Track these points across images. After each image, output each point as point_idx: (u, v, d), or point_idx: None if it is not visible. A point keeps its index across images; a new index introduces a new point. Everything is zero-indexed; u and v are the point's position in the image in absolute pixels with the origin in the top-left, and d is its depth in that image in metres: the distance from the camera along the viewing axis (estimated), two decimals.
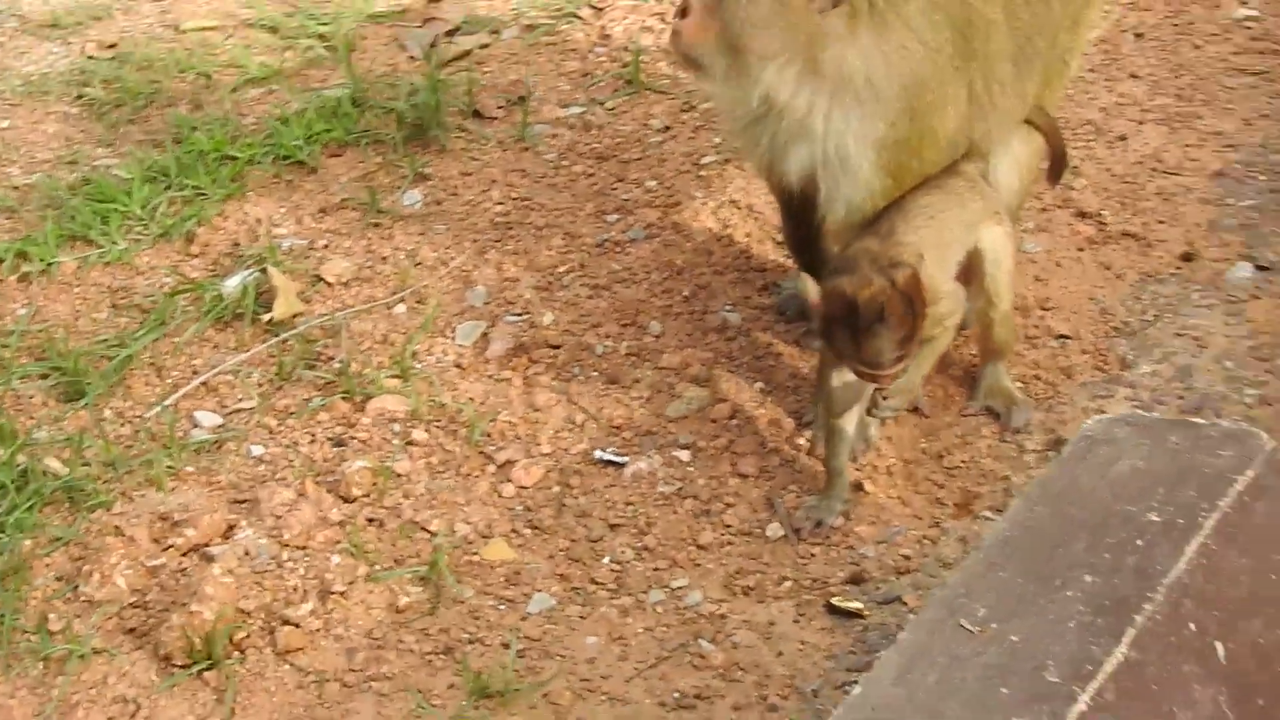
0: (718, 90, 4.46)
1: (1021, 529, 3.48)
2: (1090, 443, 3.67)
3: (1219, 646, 3.30)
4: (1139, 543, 3.38)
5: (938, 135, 4.40)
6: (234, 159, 5.92)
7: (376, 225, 5.58)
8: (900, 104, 4.31)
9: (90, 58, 6.77)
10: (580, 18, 6.80)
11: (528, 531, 4.41)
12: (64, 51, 6.81)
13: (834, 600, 4.19)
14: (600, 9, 6.87)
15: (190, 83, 6.51)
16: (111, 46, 6.86)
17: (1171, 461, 3.59)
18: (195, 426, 4.80)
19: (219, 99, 6.36)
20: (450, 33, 6.82)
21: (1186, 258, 5.32)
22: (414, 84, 6.21)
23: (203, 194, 5.72)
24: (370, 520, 4.41)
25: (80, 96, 6.48)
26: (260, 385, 4.91)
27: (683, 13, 4.21)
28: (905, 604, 4.15)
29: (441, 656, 4.05)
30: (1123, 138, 5.90)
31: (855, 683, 3.46)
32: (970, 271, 4.50)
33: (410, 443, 4.66)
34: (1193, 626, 3.28)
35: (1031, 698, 3.06)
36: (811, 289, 4.11)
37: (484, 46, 6.69)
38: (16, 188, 5.80)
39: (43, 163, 6.08)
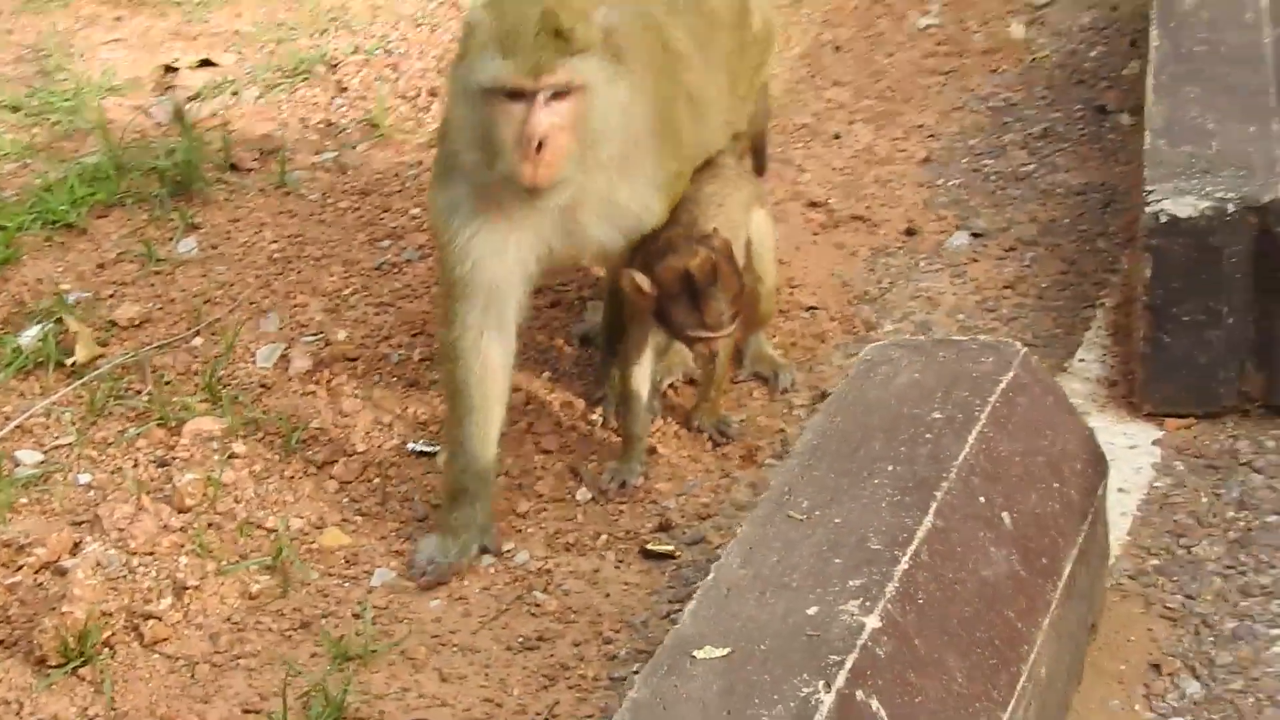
0: (565, 193, 4.40)
1: (825, 437, 3.96)
2: (870, 364, 4.18)
3: (1005, 516, 3.82)
4: (928, 436, 3.88)
5: (686, 148, 4.74)
6: (3, 228, 6.13)
7: (158, 272, 5.87)
8: (670, 137, 4.58)
9: None
10: (315, 74, 7.16)
11: (358, 519, 4.75)
12: None
13: (648, 546, 4.61)
14: (334, 65, 7.25)
15: None
16: None
17: (943, 371, 4.11)
18: (18, 465, 5.02)
19: None
20: (192, 98, 7.12)
21: (909, 233, 5.91)
22: (170, 145, 6.50)
23: None
24: (209, 525, 4.69)
25: None
26: (75, 423, 5.15)
27: (538, 147, 4.20)
28: (710, 542, 4.58)
29: (300, 631, 4.37)
30: (837, 136, 6.50)
31: (679, 612, 3.90)
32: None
33: (232, 455, 4.96)
34: (982, 499, 3.78)
35: (861, 563, 3.52)
36: (642, 281, 4.50)
37: (228, 108, 7.01)
38: None
39: None
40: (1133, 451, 4.79)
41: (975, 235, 5.86)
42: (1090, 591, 4.12)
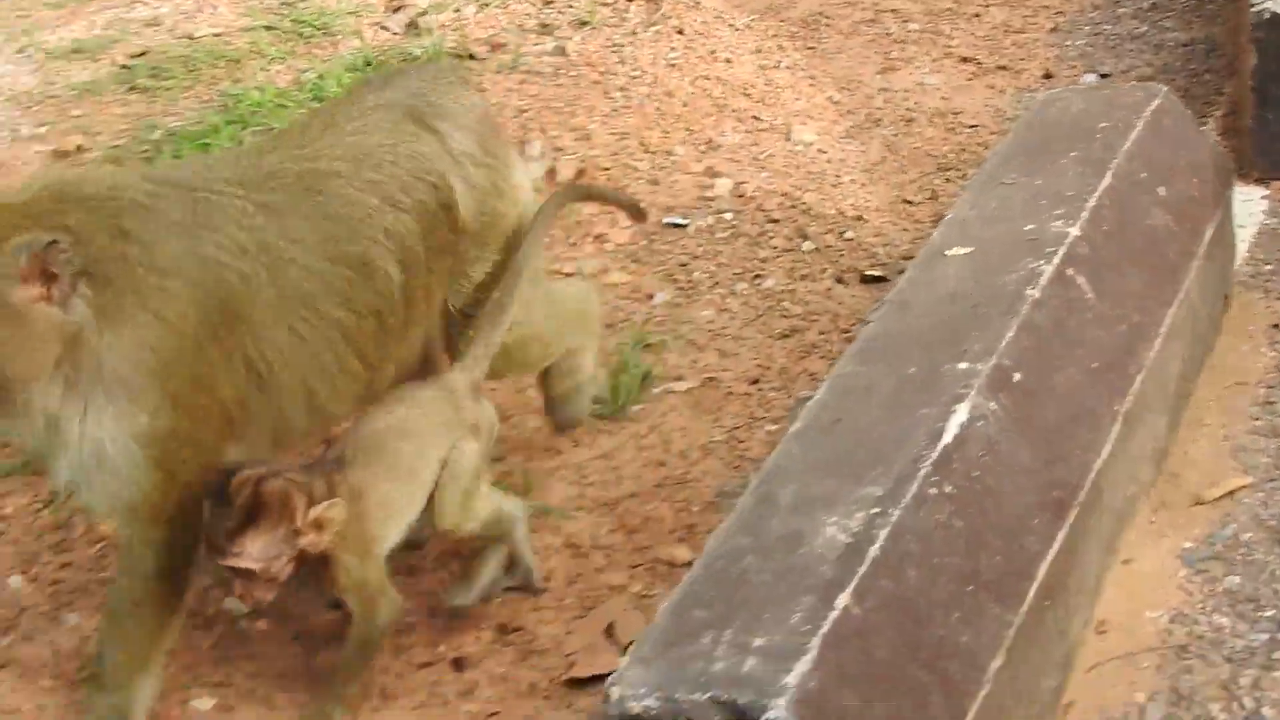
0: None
1: (1018, 142, 5.23)
2: (1046, 103, 5.46)
3: (1161, 189, 5.02)
4: (1098, 136, 5.14)
5: (210, 414, 4.02)
6: (286, 106, 7.48)
7: None
8: (156, 390, 3.89)
9: (124, 67, 8.27)
10: None
11: (634, 264, 6.04)
12: (97, 66, 8.28)
13: (866, 272, 5.90)
14: None
15: (224, 68, 8.06)
16: (140, 55, 8.37)
17: (1105, 101, 5.38)
18: None
19: (253, 73, 7.93)
20: (421, 14, 8.49)
21: (1047, 76, 7.21)
22: (413, 46, 7.85)
23: (273, 131, 7.26)
24: None
25: (131, 88, 7.97)
26: None
27: None
28: None
29: (605, 330, 5.65)
30: (977, 15, 7.81)
31: None
32: None
33: None
34: (1144, 175, 5.00)
35: (1060, 204, 4.74)
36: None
37: (453, 20, 8.36)
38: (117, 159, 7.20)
39: (123, 133, 7.55)
40: (1246, 203, 6.03)
41: (1103, 76, 7.14)
42: (1223, 266, 5.37)
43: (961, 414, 3.88)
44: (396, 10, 8.55)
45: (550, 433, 5.10)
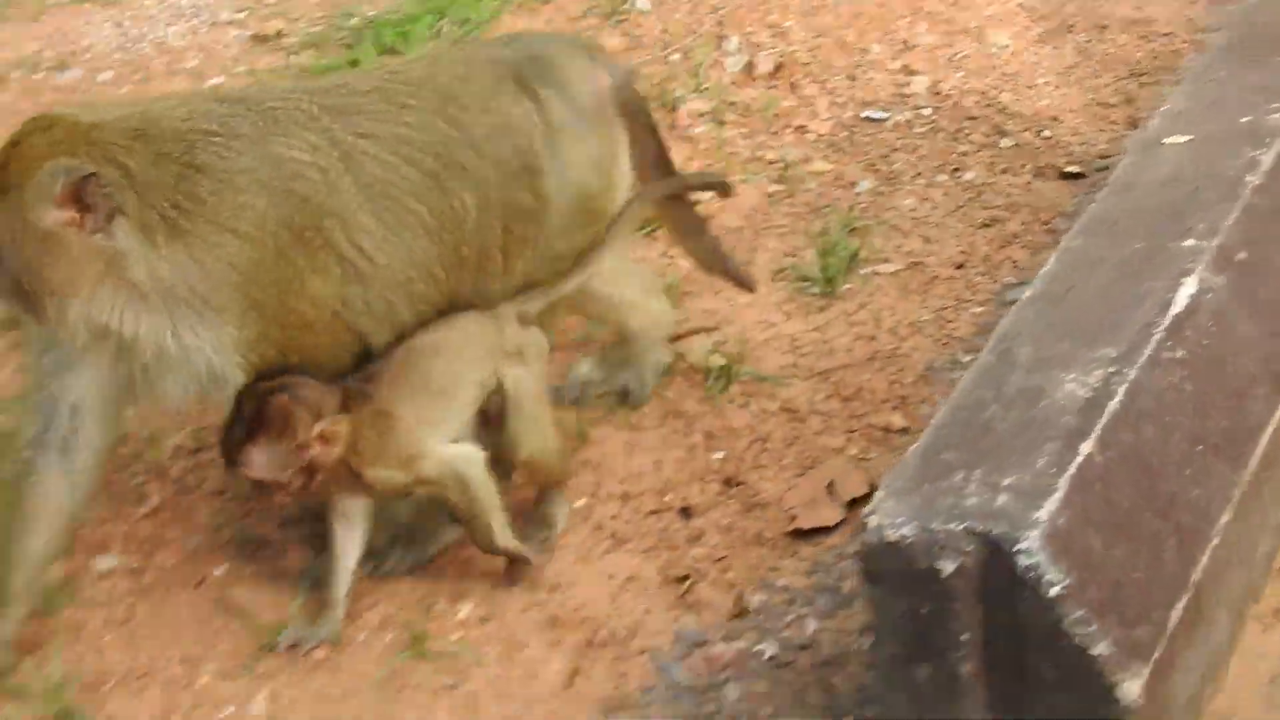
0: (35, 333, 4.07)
1: (1230, 42, 5.39)
2: (1254, 7, 5.63)
3: None
4: None
5: (308, 316, 4.06)
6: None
7: (623, 20, 7.37)
8: (239, 302, 3.96)
9: None
10: None
11: (835, 154, 6.23)
12: None
13: (1064, 169, 6.06)
14: None
15: None
16: None
17: None
18: None
19: None
20: None
21: None
22: None
23: (469, 20, 7.47)
24: (723, 158, 6.20)
25: None
26: None
27: None
28: (1109, 169, 6.00)
29: (810, 214, 5.85)
30: None
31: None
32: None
33: (722, 122, 6.46)
34: None
35: (1270, 106, 4.94)
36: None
37: None
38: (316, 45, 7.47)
39: (320, 19, 7.77)
40: None
41: None
42: None
43: (1190, 286, 4.04)
44: None
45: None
